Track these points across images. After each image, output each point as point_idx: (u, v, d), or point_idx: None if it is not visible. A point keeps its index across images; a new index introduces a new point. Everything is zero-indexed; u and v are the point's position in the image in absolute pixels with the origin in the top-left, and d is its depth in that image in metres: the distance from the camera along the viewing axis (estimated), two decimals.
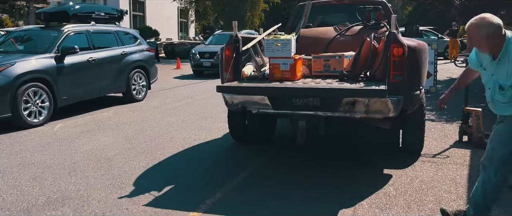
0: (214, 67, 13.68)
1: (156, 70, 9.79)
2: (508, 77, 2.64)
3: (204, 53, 14.02)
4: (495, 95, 2.78)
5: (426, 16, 31.87)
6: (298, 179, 4.10)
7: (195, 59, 14.19)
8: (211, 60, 13.81)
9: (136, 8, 23.09)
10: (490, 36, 2.61)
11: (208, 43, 15.87)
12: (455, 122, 6.38)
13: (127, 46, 8.72)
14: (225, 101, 4.37)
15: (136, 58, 8.83)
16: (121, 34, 8.82)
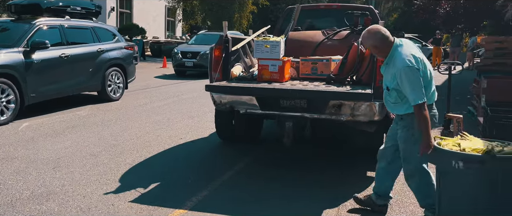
0: (196, 67, 13.51)
1: (134, 69, 9.41)
2: (392, 80, 2.97)
3: (187, 53, 13.67)
4: (386, 95, 3.15)
5: (411, 24, 32.41)
6: (283, 178, 4.16)
7: (177, 59, 13.86)
8: (193, 60, 13.49)
9: (123, 5, 22.89)
10: (376, 45, 3.02)
11: (191, 42, 15.56)
12: (437, 127, 6.52)
13: (104, 43, 8.34)
14: (213, 101, 4.41)
15: (113, 56, 8.47)
16: (98, 30, 8.42)
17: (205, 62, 12.91)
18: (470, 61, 17.77)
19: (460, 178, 2.53)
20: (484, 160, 2.43)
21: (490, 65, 6.75)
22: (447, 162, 2.55)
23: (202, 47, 13.53)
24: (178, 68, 13.85)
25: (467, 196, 2.54)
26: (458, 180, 2.55)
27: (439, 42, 18.58)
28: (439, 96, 3.61)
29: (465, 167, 2.46)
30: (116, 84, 8.57)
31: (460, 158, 2.48)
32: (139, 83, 10.91)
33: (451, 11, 13.30)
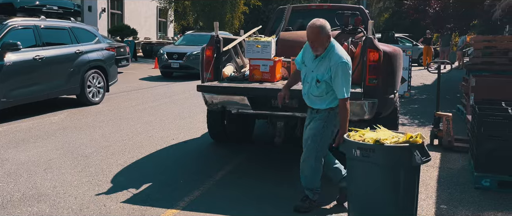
0: (182, 68, 13.11)
1: (115, 71, 8.98)
2: (325, 73, 3.21)
3: (173, 54, 13.16)
4: (311, 88, 3.32)
5: (401, 24, 32.67)
6: (275, 177, 4.18)
7: (162, 60, 13.36)
8: (179, 61, 13.00)
9: (115, 6, 22.76)
10: (328, 35, 3.22)
11: (178, 43, 15.11)
12: (427, 126, 6.60)
13: (83, 44, 7.93)
14: (205, 101, 4.42)
15: (93, 58, 8.05)
16: (77, 30, 7.99)
17: (191, 63, 12.72)
18: (459, 60, 17.97)
19: (360, 164, 2.91)
20: (373, 149, 2.81)
21: (479, 64, 6.85)
22: (350, 150, 2.94)
23: (189, 48, 13.29)
24: (164, 69, 13.45)
25: (366, 179, 2.93)
26: (359, 166, 2.93)
27: (430, 42, 18.76)
28: (429, 95, 3.65)
29: (361, 154, 2.85)
30: (96, 87, 8.17)
31: (357, 146, 2.88)
32: (122, 85, 10.76)
33: (441, 11, 13.43)
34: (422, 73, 15.16)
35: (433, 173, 4.40)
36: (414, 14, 16.87)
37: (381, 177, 2.87)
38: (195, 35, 15.35)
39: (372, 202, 2.93)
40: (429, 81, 12.90)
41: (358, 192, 3.01)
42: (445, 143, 5.30)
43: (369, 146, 2.83)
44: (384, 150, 2.80)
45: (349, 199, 3.14)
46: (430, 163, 4.72)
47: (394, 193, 2.88)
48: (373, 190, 2.91)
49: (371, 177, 2.90)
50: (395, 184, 2.86)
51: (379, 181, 2.88)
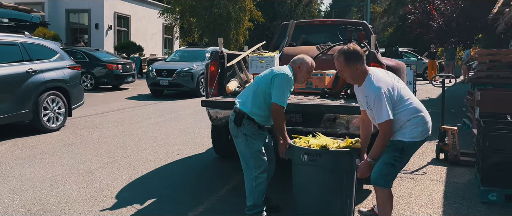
0: (172, 86, 12.45)
1: (81, 92, 7.85)
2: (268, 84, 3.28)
3: (162, 71, 12.46)
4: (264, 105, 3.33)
5: (406, 38, 32.77)
6: (279, 193, 4.16)
7: (150, 77, 12.63)
8: (169, 78, 12.30)
9: (121, 23, 23.07)
10: None
11: (169, 59, 14.37)
12: (432, 140, 6.56)
13: (37, 62, 6.83)
14: (210, 116, 4.44)
15: (50, 78, 6.94)
16: (31, 46, 6.88)
17: (181, 80, 12.33)
18: (464, 74, 17.93)
19: (307, 168, 3.09)
20: (320, 153, 3.02)
21: (484, 78, 6.83)
22: (297, 155, 3.12)
23: (180, 65, 12.88)
24: (153, 87, 12.71)
25: (312, 183, 3.13)
26: (306, 170, 3.11)
27: (434, 56, 18.76)
28: (434, 109, 3.64)
29: (309, 159, 3.04)
30: (54, 112, 7.06)
31: (305, 152, 3.07)
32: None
33: (444, 25, 13.47)
34: (427, 87, 15.12)
35: (439, 188, 4.36)
36: (417, 29, 16.92)
37: (327, 180, 3.08)
38: (187, 51, 14.95)
39: (317, 203, 3.13)
40: (434, 95, 12.86)
41: (304, 196, 3.19)
42: (451, 157, 5.26)
43: (316, 151, 3.03)
44: (330, 155, 3.04)
45: (296, 202, 3.27)
46: (436, 178, 4.69)
47: (338, 194, 3.11)
48: (318, 193, 3.12)
49: (317, 180, 3.09)
50: (339, 186, 3.09)
51: (325, 183, 3.08)
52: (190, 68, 12.54)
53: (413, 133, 2.89)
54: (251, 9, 24.34)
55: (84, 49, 15.70)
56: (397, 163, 2.93)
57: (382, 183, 2.95)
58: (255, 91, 3.32)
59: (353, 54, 2.87)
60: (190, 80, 12.40)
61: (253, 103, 3.29)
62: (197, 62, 12.98)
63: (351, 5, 69.10)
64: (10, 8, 7.36)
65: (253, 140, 3.32)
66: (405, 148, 2.91)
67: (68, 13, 21.73)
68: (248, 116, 3.28)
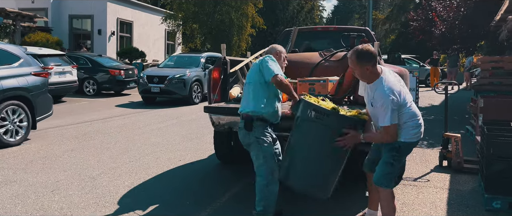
0: (163, 93, 11.98)
1: (48, 101, 7.01)
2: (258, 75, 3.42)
3: (153, 77, 12.02)
4: None
5: (408, 45, 32.76)
6: (281, 199, 4.14)
7: (142, 84, 12.15)
8: (160, 85, 11.85)
9: (124, 29, 23.16)
10: None
11: (163, 65, 13.92)
12: (436, 147, 6.54)
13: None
14: (212, 122, 4.43)
15: (10, 86, 6.22)
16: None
17: (173, 87, 11.89)
18: (467, 81, 17.90)
19: (311, 124, 3.12)
20: (329, 114, 3.06)
21: (487, 85, 6.81)
22: (305, 110, 3.15)
23: (172, 71, 12.43)
24: (144, 94, 12.27)
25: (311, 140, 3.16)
26: (309, 126, 3.14)
27: (437, 63, 18.75)
28: (437, 116, 3.64)
29: (315, 116, 3.07)
30: (13, 124, 6.29)
31: (313, 108, 3.09)
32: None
33: (447, 32, 13.46)
34: (429, 94, 15.10)
35: (442, 195, 4.33)
36: (420, 36, 16.93)
37: (327, 141, 3.08)
38: (182, 57, 14.40)
39: (311, 164, 3.15)
40: (437, 102, 12.83)
41: (299, 152, 3.21)
42: (455, 165, 5.24)
43: (325, 111, 3.08)
44: (337, 117, 3.07)
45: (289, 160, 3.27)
46: (439, 185, 4.67)
47: (332, 158, 3.15)
48: (315, 152, 3.14)
49: (318, 139, 3.12)
50: (336, 151, 3.09)
51: (324, 144, 3.10)
52: (183, 74, 12.14)
53: (409, 134, 3.03)
54: (253, 15, 24.42)
55: (87, 54, 15.75)
56: (395, 162, 3.08)
57: (384, 183, 3.07)
58: (253, 89, 3.39)
59: (365, 55, 2.97)
60: (182, 87, 11.99)
61: (255, 100, 3.35)
62: (191, 69, 12.68)
63: (353, 11, 69.25)
64: (14, 13, 7.20)
65: (265, 142, 3.36)
66: (401, 148, 3.06)
67: (71, 19, 21.83)
68: (257, 117, 3.33)
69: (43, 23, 20.39)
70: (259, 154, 3.36)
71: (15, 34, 16.81)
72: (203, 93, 12.69)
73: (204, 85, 12.58)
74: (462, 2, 12.72)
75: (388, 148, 3.06)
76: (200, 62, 13.22)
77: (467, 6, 12.36)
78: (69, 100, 12.63)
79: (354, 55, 3.01)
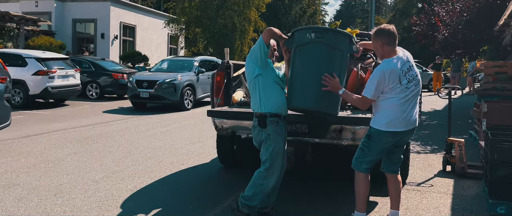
0: (153, 99, 11.41)
1: (5, 111, 6.01)
2: None
3: (142, 82, 11.42)
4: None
5: (410, 50, 32.64)
6: (283, 203, 4.13)
7: (131, 89, 11.60)
8: (149, 90, 11.26)
9: (127, 33, 23.25)
10: None
11: (154, 69, 13.32)
12: (439, 152, 6.52)
13: None
14: (215, 126, 4.44)
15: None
16: None
17: (163, 92, 11.31)
18: (470, 85, 17.86)
19: (311, 45, 3.37)
20: (326, 31, 3.39)
21: (490, 90, 6.80)
22: (304, 35, 3.40)
23: (163, 75, 11.88)
24: (133, 99, 11.70)
25: (314, 60, 3.38)
26: (310, 47, 3.38)
27: (439, 67, 18.72)
28: (440, 121, 3.63)
29: (315, 36, 3.34)
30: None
31: (312, 30, 3.39)
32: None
33: (450, 37, 13.46)
34: (432, 98, 15.08)
35: (446, 200, 4.31)
36: (423, 40, 16.92)
37: (332, 56, 3.37)
38: (175, 60, 13.84)
39: (314, 83, 3.31)
40: (440, 107, 12.81)
41: (306, 74, 3.39)
42: (458, 170, 5.21)
43: (323, 29, 3.44)
44: (334, 33, 3.39)
45: (295, 82, 3.46)
46: (443, 190, 4.65)
47: (332, 69, 3.32)
48: (318, 71, 3.32)
49: (324, 56, 3.37)
50: (337, 65, 3.37)
51: (330, 60, 3.36)
52: (173, 79, 11.57)
53: (380, 123, 3.19)
54: (255, 19, 24.49)
55: (90, 58, 15.81)
56: (366, 148, 3.27)
57: (354, 165, 3.34)
58: (253, 86, 3.48)
59: (382, 31, 3.20)
60: (173, 92, 11.39)
61: (261, 97, 3.43)
62: (183, 73, 12.11)
63: (356, 16, 69.32)
64: (18, 17, 7.21)
65: (277, 138, 3.42)
66: (372, 135, 3.25)
67: (75, 23, 21.94)
68: (270, 114, 3.39)
69: (46, 26, 20.51)
70: (269, 149, 3.42)
71: (19, 37, 16.90)
72: (196, 98, 12.32)
73: (197, 90, 12.34)
74: (465, 7, 12.72)
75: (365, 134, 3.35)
76: (193, 66, 12.73)
77: (470, 11, 12.36)
78: (72, 104, 12.66)
79: (375, 29, 3.25)
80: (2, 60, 10.39)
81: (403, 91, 3.13)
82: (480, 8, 11.91)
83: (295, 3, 39.28)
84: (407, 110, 3.17)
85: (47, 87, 11.34)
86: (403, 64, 3.16)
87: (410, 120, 3.21)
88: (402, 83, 3.12)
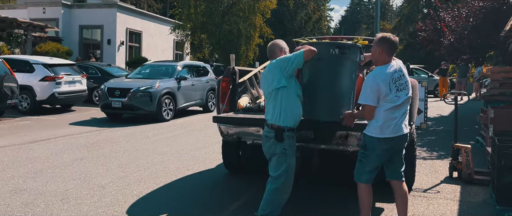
0: (126, 109, 10.04)
1: None
2: None
3: (115, 90, 10.15)
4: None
5: (416, 55, 32.66)
6: (289, 210, 4.12)
7: (102, 98, 10.38)
8: (122, 99, 9.95)
9: (133, 39, 23.40)
10: None
11: (131, 75, 11.94)
12: (445, 158, 6.48)
13: None
14: (221, 132, 4.45)
15: None
16: None
17: (137, 102, 10.00)
18: (476, 91, 17.75)
19: (334, 60, 3.57)
20: (350, 47, 3.61)
21: (497, 95, 6.76)
22: (327, 50, 3.55)
23: (139, 82, 10.59)
24: (105, 109, 10.39)
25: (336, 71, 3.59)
26: (332, 62, 3.58)
27: (445, 73, 18.63)
28: (446, 126, 3.61)
29: (339, 52, 3.54)
30: None
31: (336, 46, 3.57)
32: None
33: (456, 42, 13.39)
34: (438, 104, 15.01)
35: (453, 207, 4.28)
36: (428, 46, 16.87)
37: (349, 68, 3.61)
38: (155, 65, 12.37)
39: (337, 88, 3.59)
40: (446, 113, 12.74)
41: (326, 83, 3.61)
42: (465, 176, 5.18)
43: (347, 45, 3.62)
44: (356, 48, 3.65)
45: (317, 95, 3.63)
46: (450, 197, 4.62)
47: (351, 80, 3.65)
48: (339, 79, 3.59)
49: (342, 68, 3.59)
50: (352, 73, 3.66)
51: (347, 71, 3.60)
52: (149, 86, 10.21)
53: (373, 128, 3.23)
54: (261, 25, 24.57)
55: (96, 64, 15.93)
56: (363, 159, 3.30)
57: (355, 176, 3.36)
58: (275, 96, 3.37)
59: (384, 39, 3.27)
60: (148, 102, 10.01)
61: (282, 110, 3.34)
62: (162, 79, 10.79)
63: (361, 22, 69.27)
64: (26, 23, 7.25)
65: (292, 154, 3.39)
66: (366, 145, 3.28)
67: (82, 29, 22.12)
68: (288, 128, 3.33)
69: (54, 33, 20.69)
70: (283, 165, 3.36)
71: (27, 43, 17.06)
72: (177, 107, 10.97)
73: (178, 99, 11.00)
74: (471, 12, 12.67)
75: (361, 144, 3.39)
76: (175, 71, 11.36)
77: (476, 16, 12.31)
78: (78, 109, 12.74)
79: (380, 36, 3.33)
80: (9, 66, 10.51)
81: (393, 99, 3.17)
82: (486, 14, 11.86)
83: (300, 9, 39.39)
84: (397, 117, 3.20)
85: (54, 92, 11.42)
86: (394, 72, 3.22)
87: (400, 127, 3.22)
88: (392, 91, 3.17)
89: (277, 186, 3.36)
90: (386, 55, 3.25)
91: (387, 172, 3.41)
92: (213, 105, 12.82)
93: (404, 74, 3.29)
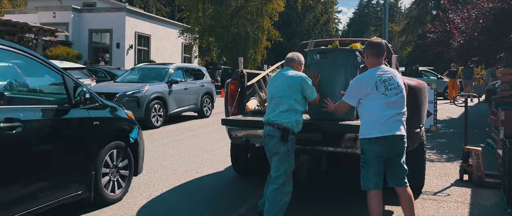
0: None
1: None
2: None
3: (100, 95, 8.33)
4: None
5: (425, 57, 32.45)
6: (298, 212, 4.12)
7: None
8: None
9: (141, 43, 23.57)
10: None
11: (120, 79, 11.27)
12: (456, 161, 6.42)
13: None
14: (229, 134, 4.46)
15: None
16: None
17: (124, 107, 8.76)
18: (486, 93, 17.59)
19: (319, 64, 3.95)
20: (330, 51, 3.96)
21: (508, 97, 6.69)
22: (312, 56, 4.00)
23: (124, 87, 9.93)
24: None
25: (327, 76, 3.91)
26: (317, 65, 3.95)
27: (455, 75, 18.48)
28: (456, 129, 3.59)
29: (320, 57, 3.94)
30: None
31: (317, 52, 3.98)
32: None
33: (465, 44, 13.29)
34: (448, 106, 14.89)
35: (464, 210, 4.24)
36: (438, 47, 16.75)
37: (336, 72, 3.91)
38: (145, 68, 11.68)
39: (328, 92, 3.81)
40: (456, 115, 12.64)
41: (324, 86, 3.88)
42: (476, 179, 5.13)
43: (327, 50, 3.95)
44: (339, 51, 3.97)
45: None
46: (460, 199, 4.58)
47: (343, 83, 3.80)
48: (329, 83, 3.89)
49: (327, 73, 3.90)
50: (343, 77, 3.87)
51: (334, 75, 3.90)
52: (136, 91, 9.58)
53: (363, 129, 3.26)
54: (269, 28, 24.62)
55: (105, 67, 16.06)
56: (364, 164, 3.27)
57: (362, 185, 3.30)
58: (291, 103, 3.49)
59: (366, 44, 3.41)
60: (135, 107, 9.22)
61: (293, 115, 3.47)
62: (152, 83, 10.14)
63: (369, 24, 69.03)
64: (36, 28, 7.28)
65: (293, 156, 3.48)
66: (363, 148, 3.27)
67: (91, 33, 22.35)
68: (292, 131, 3.45)
69: (64, 37, 20.93)
70: (284, 165, 3.44)
71: (37, 47, 17.27)
72: (168, 113, 10.31)
73: (169, 104, 10.31)
74: (480, 13, 12.57)
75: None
76: (166, 74, 10.71)
77: (486, 18, 12.20)
78: None
79: (367, 41, 3.44)
80: None
81: (380, 97, 3.18)
82: (496, 15, 11.75)
83: (308, 11, 39.38)
84: (387, 115, 3.15)
85: None
86: (383, 73, 3.25)
87: (391, 126, 3.16)
88: (379, 90, 3.17)
89: (276, 186, 3.43)
90: (373, 57, 3.31)
91: (389, 179, 3.32)
92: (208, 110, 12.26)
93: (395, 76, 3.28)
